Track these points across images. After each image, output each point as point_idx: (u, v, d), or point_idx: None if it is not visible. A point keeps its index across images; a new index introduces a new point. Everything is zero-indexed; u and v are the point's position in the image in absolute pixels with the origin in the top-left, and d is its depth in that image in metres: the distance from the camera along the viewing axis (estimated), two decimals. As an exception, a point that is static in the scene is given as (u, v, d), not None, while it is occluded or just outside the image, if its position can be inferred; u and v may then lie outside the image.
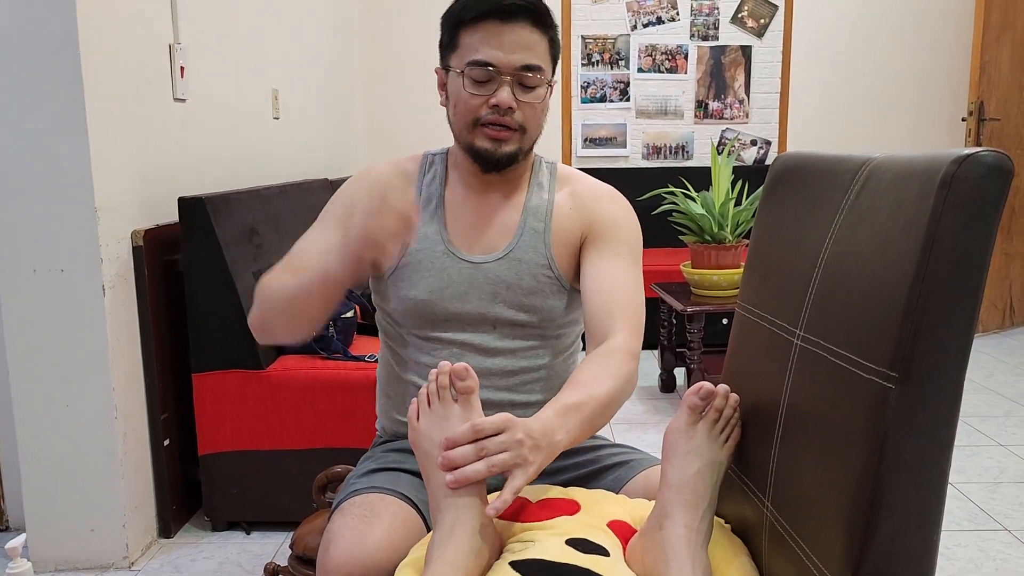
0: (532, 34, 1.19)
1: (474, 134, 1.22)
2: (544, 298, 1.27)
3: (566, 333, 1.32)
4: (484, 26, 1.18)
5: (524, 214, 1.28)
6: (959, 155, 0.73)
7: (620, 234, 1.28)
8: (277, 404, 2.23)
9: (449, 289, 1.25)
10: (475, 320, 1.26)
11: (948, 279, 0.72)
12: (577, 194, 1.31)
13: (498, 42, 1.17)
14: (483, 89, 1.19)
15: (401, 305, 1.27)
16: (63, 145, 1.94)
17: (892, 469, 0.74)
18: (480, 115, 1.20)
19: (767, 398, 0.96)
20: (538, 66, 1.20)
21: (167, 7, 2.35)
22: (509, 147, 1.22)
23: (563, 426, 1.03)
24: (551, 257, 1.27)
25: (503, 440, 0.96)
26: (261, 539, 2.28)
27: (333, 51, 4.16)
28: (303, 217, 2.81)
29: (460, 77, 1.20)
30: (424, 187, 1.31)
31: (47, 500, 2.09)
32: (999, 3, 4.13)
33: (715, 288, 2.93)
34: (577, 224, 1.28)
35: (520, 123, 1.21)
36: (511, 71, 1.18)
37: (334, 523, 1.11)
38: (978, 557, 2.13)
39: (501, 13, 1.17)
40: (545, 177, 1.33)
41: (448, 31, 1.23)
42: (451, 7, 1.22)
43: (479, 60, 1.18)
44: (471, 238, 1.28)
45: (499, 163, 1.23)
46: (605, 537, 0.97)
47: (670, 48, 4.69)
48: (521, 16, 1.18)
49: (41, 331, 2.02)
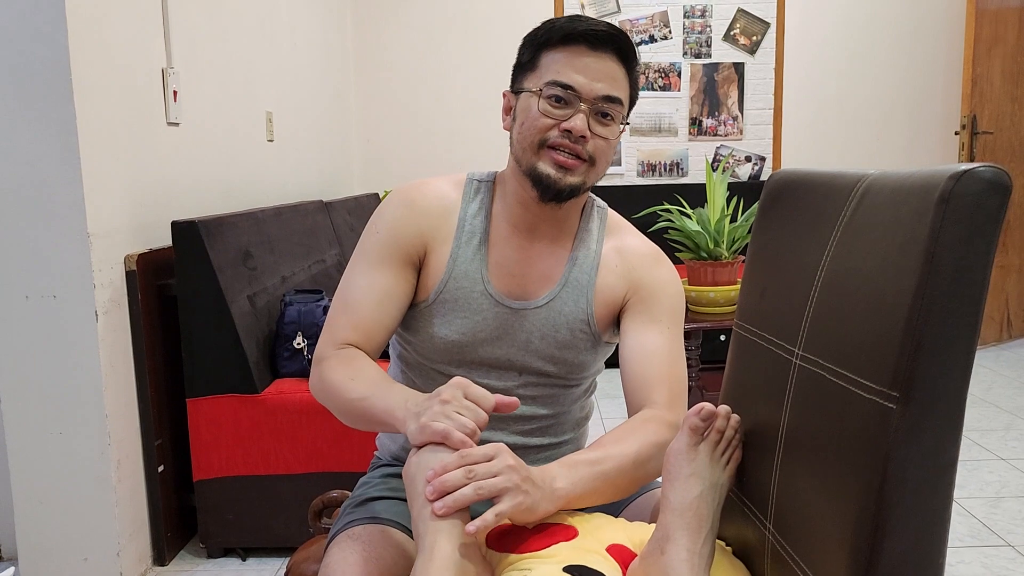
0: (617, 67, 1.15)
1: (539, 156, 1.15)
2: (577, 353, 1.23)
3: (586, 380, 1.30)
4: (570, 49, 1.13)
5: (570, 264, 1.24)
6: (956, 171, 0.72)
7: (664, 301, 1.24)
8: (272, 428, 2.21)
9: (482, 333, 1.20)
10: (502, 366, 1.22)
11: (948, 296, 0.71)
12: (624, 252, 1.26)
13: (583, 67, 1.12)
14: (558, 112, 1.13)
15: (430, 342, 1.22)
16: (55, 170, 1.93)
17: (895, 490, 0.73)
18: (548, 136, 1.14)
19: (767, 418, 0.95)
20: (618, 99, 1.15)
21: (160, 31, 2.36)
22: (574, 178, 1.15)
23: (566, 476, 1.01)
24: (591, 313, 1.23)
25: (494, 465, 0.94)
26: (257, 565, 2.25)
27: (326, 73, 4.17)
28: (298, 240, 2.80)
29: (535, 97, 1.14)
30: (468, 219, 1.24)
31: (39, 528, 2.06)
32: (990, 17, 4.16)
33: (712, 305, 2.92)
34: (621, 285, 1.24)
35: (591, 154, 1.15)
36: (591, 99, 1.13)
37: (331, 557, 1.08)
38: (982, 574, 2.11)
39: (590, 39, 1.13)
40: (595, 224, 1.27)
41: (529, 51, 1.18)
42: (536, 29, 1.17)
43: (560, 81, 1.12)
44: (512, 282, 1.23)
45: (560, 193, 1.16)
46: (604, 562, 0.95)
47: (663, 66, 4.71)
48: (609, 46, 1.13)
49: (33, 358, 2.00)
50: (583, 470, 1.03)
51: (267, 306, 2.40)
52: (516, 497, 0.93)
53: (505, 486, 0.93)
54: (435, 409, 0.99)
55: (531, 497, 0.95)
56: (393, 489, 1.23)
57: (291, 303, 2.36)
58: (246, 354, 2.20)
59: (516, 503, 0.93)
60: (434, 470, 0.94)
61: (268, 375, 2.31)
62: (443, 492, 0.92)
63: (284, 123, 3.42)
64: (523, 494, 0.94)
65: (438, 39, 4.68)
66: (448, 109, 4.70)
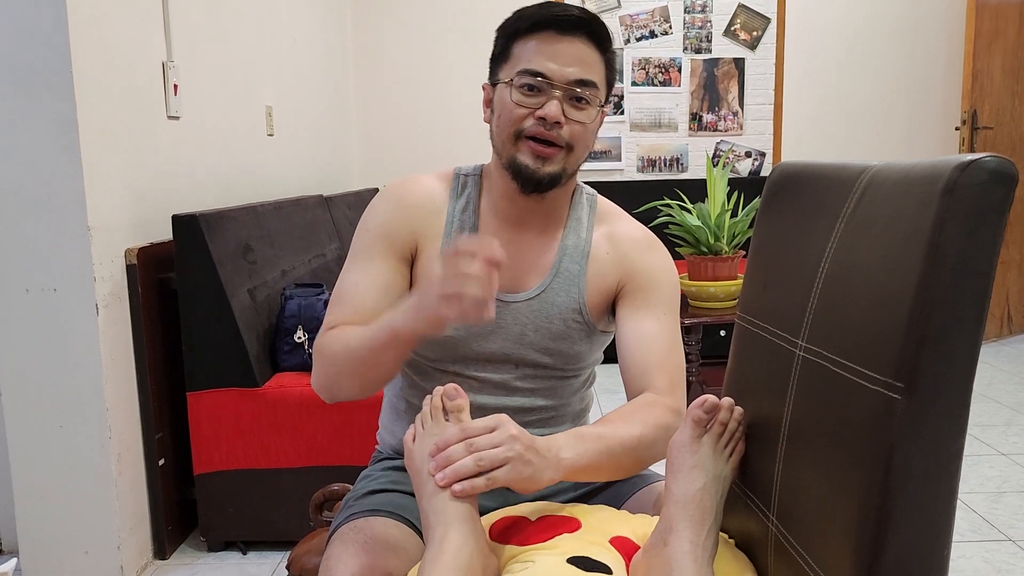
0: (589, 50, 1.14)
1: (517, 148, 1.15)
2: (572, 343, 1.22)
3: (584, 372, 1.29)
4: (540, 36, 1.13)
5: (560, 253, 1.23)
6: (961, 161, 0.71)
7: (660, 287, 1.23)
8: (273, 422, 2.21)
9: (476, 327, 1.20)
10: (498, 359, 1.22)
11: (953, 287, 0.71)
12: (616, 239, 1.26)
13: (553, 52, 1.12)
14: (532, 100, 1.13)
15: (425, 339, 1.21)
16: (55, 164, 1.93)
17: (900, 482, 0.73)
18: (524, 126, 1.13)
19: (770, 410, 0.95)
20: (592, 82, 1.14)
21: (160, 25, 2.35)
22: (553, 167, 1.14)
23: (573, 447, 1.01)
24: (584, 303, 1.22)
25: (495, 436, 0.94)
26: (258, 559, 2.25)
27: (327, 67, 4.16)
28: (298, 233, 2.80)
29: (508, 87, 1.14)
30: (457, 214, 1.23)
31: (40, 522, 2.06)
32: (990, 11, 4.15)
33: (713, 300, 2.92)
34: (614, 272, 1.24)
35: (568, 141, 1.14)
36: (564, 84, 1.12)
37: (333, 549, 1.08)
38: (984, 569, 2.11)
39: (559, 24, 1.12)
40: (584, 212, 1.27)
41: (501, 43, 1.18)
42: (507, 20, 1.17)
43: (531, 69, 1.12)
44: (503, 274, 1.20)
45: (540, 183, 1.15)
46: (607, 554, 0.95)
47: (663, 61, 4.70)
48: (579, 30, 1.13)
49: (34, 352, 1.99)
50: (589, 444, 1.03)
51: (267, 300, 2.40)
52: (516, 467, 0.93)
53: (507, 456, 0.93)
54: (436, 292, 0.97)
55: (532, 466, 0.95)
56: (395, 482, 1.23)
57: (291, 297, 2.35)
58: (246, 348, 2.19)
59: (516, 473, 0.93)
60: (436, 444, 0.94)
61: (268, 369, 2.31)
62: (445, 466, 0.93)
63: (284, 117, 3.42)
64: (524, 463, 0.94)
65: (437, 33, 4.67)
66: (447, 104, 4.70)
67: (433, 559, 0.89)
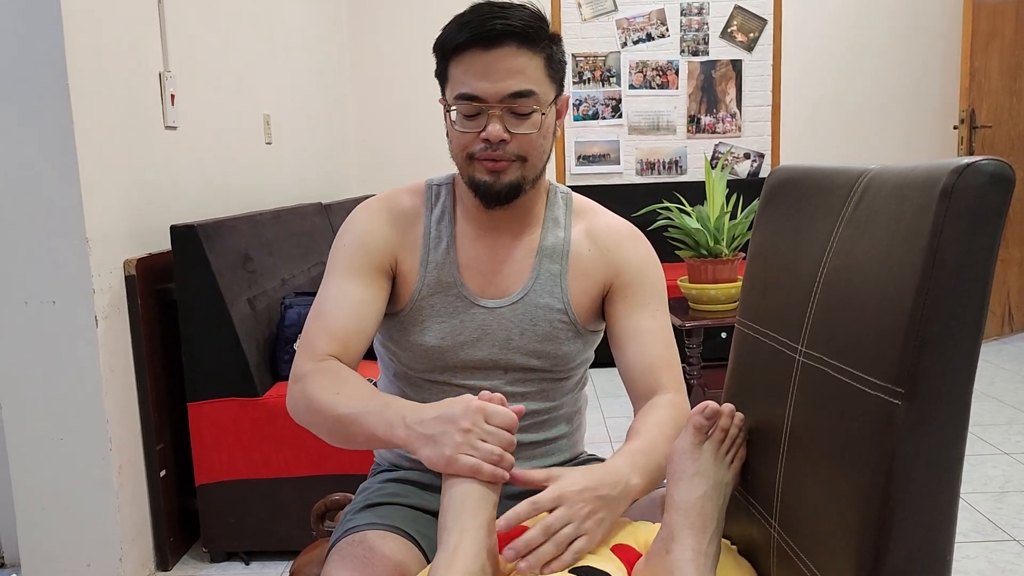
0: (520, 57, 1.10)
1: (472, 167, 1.15)
2: (559, 344, 1.22)
3: (576, 373, 1.29)
4: (468, 56, 1.11)
5: (539, 255, 1.22)
6: (959, 164, 0.71)
7: (649, 282, 1.23)
8: (274, 431, 2.20)
9: (461, 336, 1.19)
10: (486, 366, 1.21)
11: (952, 291, 0.71)
12: (595, 234, 1.25)
13: (483, 71, 1.10)
14: (473, 124, 1.12)
15: (412, 350, 1.21)
16: (53, 175, 1.92)
17: (901, 487, 0.72)
18: (473, 150, 1.13)
19: (770, 416, 0.94)
20: (529, 91, 1.11)
21: (156, 35, 2.35)
22: (509, 177, 1.14)
23: (637, 471, 1.03)
24: (567, 302, 1.22)
25: (562, 516, 0.95)
26: (260, 569, 2.25)
27: (324, 75, 4.16)
28: (296, 242, 2.80)
29: (451, 112, 1.15)
30: (433, 225, 1.23)
31: (42, 534, 2.05)
32: (987, 10, 4.16)
33: (713, 302, 2.91)
34: (599, 269, 1.23)
35: (516, 154, 1.13)
36: (498, 102, 1.11)
37: (331, 565, 1.07)
38: (988, 569, 2.11)
39: (484, 40, 1.09)
40: (561, 211, 1.26)
41: (439, 62, 1.17)
42: (438, 37, 1.16)
43: (464, 93, 1.11)
44: (484, 281, 1.22)
45: (499, 196, 1.15)
46: (609, 562, 0.95)
47: (661, 64, 4.70)
48: (506, 40, 1.09)
49: (33, 364, 1.99)
50: (642, 460, 1.05)
51: (267, 309, 2.39)
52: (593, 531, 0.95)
53: (580, 531, 0.94)
54: (457, 440, 0.96)
55: (606, 513, 0.97)
56: (392, 495, 1.22)
57: (291, 305, 2.35)
58: (246, 357, 2.19)
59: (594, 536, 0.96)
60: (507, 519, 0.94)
61: (269, 378, 2.30)
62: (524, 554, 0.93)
63: (282, 126, 3.42)
64: (598, 523, 0.96)
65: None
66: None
67: (445, 564, 0.89)
